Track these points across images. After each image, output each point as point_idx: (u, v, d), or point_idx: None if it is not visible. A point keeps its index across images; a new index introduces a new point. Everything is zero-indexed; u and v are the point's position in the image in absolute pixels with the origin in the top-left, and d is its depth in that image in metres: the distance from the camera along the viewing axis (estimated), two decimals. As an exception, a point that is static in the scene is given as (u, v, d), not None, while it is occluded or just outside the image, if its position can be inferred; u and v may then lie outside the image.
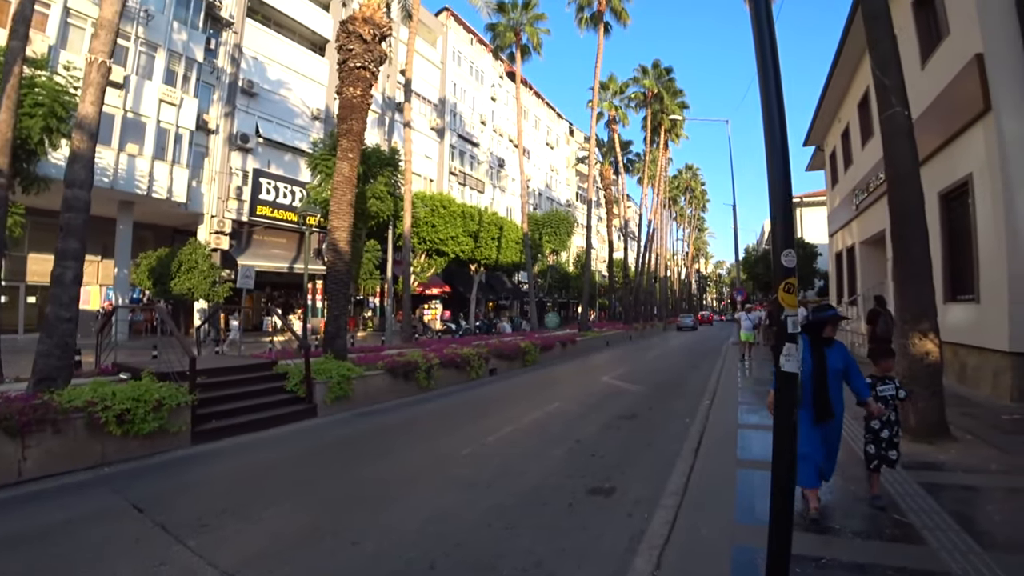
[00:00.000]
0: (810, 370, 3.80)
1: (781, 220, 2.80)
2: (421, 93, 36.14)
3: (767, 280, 29.57)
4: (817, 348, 3.94)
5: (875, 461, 4.30)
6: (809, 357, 3.83)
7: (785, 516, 2.72)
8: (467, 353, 12.49)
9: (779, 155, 2.68)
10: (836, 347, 4.05)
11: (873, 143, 14.64)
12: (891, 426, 4.34)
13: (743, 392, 9.64)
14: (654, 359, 18.13)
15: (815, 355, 3.89)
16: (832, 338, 4.06)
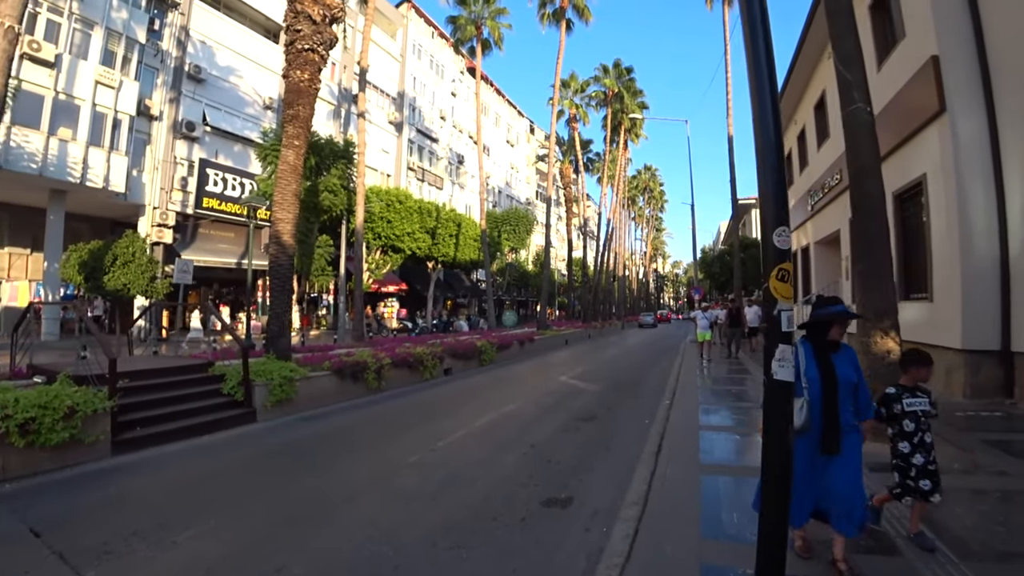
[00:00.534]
0: (819, 388, 3.03)
1: (773, 193, 2.47)
2: (379, 86, 35.25)
3: (724, 279, 30.03)
4: (822, 355, 3.11)
5: (898, 490, 3.53)
6: (815, 369, 3.06)
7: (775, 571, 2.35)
8: (420, 352, 11.99)
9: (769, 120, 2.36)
10: (844, 352, 3.20)
11: (829, 145, 14.85)
12: (925, 450, 3.46)
13: (703, 392, 9.47)
14: (613, 357, 17.99)
15: (821, 365, 3.08)
16: (839, 341, 3.20)
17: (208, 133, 24.19)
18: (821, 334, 3.16)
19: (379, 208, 23.47)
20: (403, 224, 24.52)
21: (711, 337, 15.34)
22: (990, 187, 8.18)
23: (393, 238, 24.31)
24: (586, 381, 11.73)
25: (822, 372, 3.06)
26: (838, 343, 3.20)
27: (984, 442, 5.74)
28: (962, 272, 8.12)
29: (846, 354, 3.20)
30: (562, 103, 36.41)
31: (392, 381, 11.02)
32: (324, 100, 30.52)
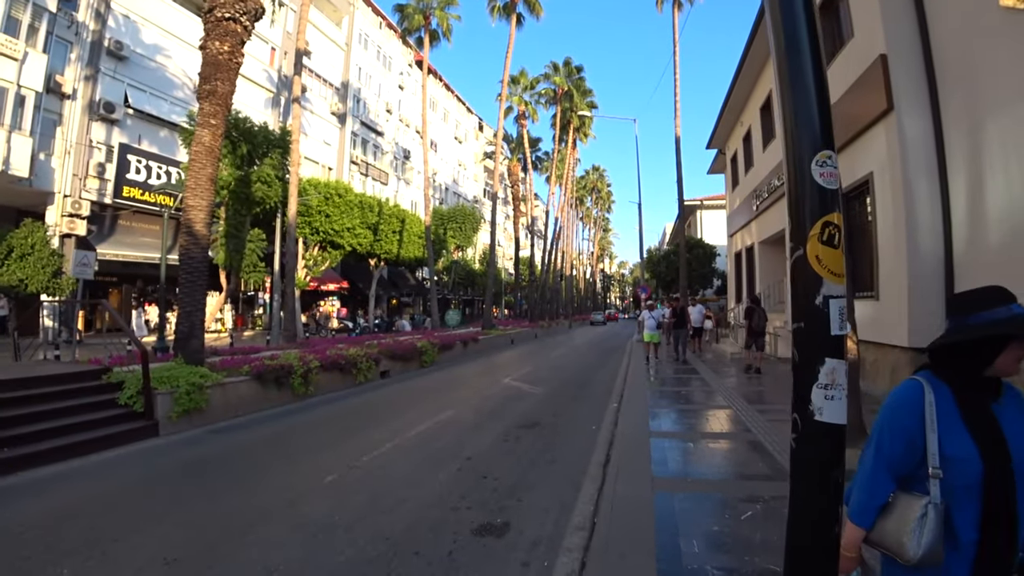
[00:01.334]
0: (977, 476, 1.46)
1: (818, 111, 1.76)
2: (322, 75, 33.77)
3: (670, 279, 30.21)
4: (976, 409, 1.53)
5: None
6: (967, 439, 1.50)
7: None
8: (353, 354, 11.14)
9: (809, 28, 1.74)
10: (1015, 401, 1.58)
11: (774, 145, 14.88)
12: None
13: (651, 394, 9.06)
14: (559, 357, 17.57)
15: (977, 429, 1.51)
16: (1005, 380, 1.60)
17: (130, 116, 22.30)
18: (974, 365, 1.56)
19: (317, 201, 22.25)
20: (343, 219, 23.34)
21: (659, 339, 14.48)
22: (935, 185, 8.12)
23: (332, 233, 23.10)
24: (531, 383, 11.18)
25: (981, 445, 1.49)
26: (1000, 383, 1.59)
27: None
28: (908, 270, 8.04)
29: (1019, 405, 1.58)
30: (511, 100, 35.89)
31: (322, 386, 10.15)
32: (262, 87, 28.97)
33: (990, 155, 7.20)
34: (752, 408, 7.39)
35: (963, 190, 7.77)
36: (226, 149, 18.53)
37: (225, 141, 18.48)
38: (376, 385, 11.39)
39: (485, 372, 13.60)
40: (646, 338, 14.12)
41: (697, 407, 7.98)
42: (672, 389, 9.64)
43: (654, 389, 9.50)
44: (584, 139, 41.66)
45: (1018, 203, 6.72)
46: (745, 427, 6.33)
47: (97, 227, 21.76)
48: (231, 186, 18.60)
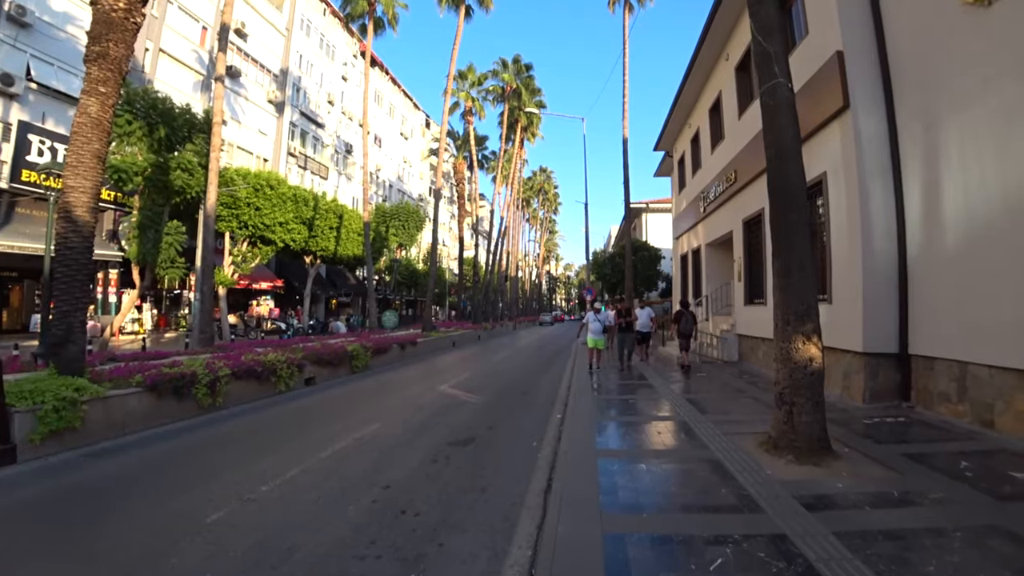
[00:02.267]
0: None
1: None
2: (259, 59, 31.86)
3: (615, 281, 30.02)
4: None
5: None
6: None
7: None
8: (272, 360, 10.00)
9: None
10: None
11: (722, 147, 14.65)
12: None
13: (597, 405, 8.39)
14: (502, 361, 16.82)
15: None
16: None
17: (33, 91, 20.13)
18: None
19: (246, 193, 20.64)
20: (275, 213, 21.78)
21: (604, 344, 12.80)
22: (889, 186, 7.86)
23: (263, 228, 21.50)
24: (469, 391, 10.35)
25: None
26: None
27: (906, 457, 5.07)
28: (863, 272, 7.73)
29: None
30: (458, 95, 34.92)
31: (234, 396, 9.00)
32: (190, 68, 26.98)
33: (948, 155, 6.93)
34: (706, 419, 6.84)
35: (918, 191, 7.51)
36: (141, 131, 16.91)
37: (140, 123, 16.86)
38: (298, 394, 10.30)
39: (421, 378, 12.68)
40: (590, 343, 12.57)
41: (647, 419, 7.37)
42: (620, 398, 9.03)
43: (599, 400, 8.84)
44: (532, 139, 41.16)
45: (976, 205, 6.45)
46: (701, 443, 5.74)
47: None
48: (147, 172, 16.91)
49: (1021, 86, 5.82)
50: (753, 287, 12.64)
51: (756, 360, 12.22)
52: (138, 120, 16.76)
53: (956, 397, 6.73)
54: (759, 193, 11.84)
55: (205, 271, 13.82)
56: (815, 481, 4.44)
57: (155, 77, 24.56)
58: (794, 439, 5.12)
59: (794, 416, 5.14)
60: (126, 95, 16.78)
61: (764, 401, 8.08)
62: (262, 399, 9.61)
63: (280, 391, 10.15)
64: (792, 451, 5.08)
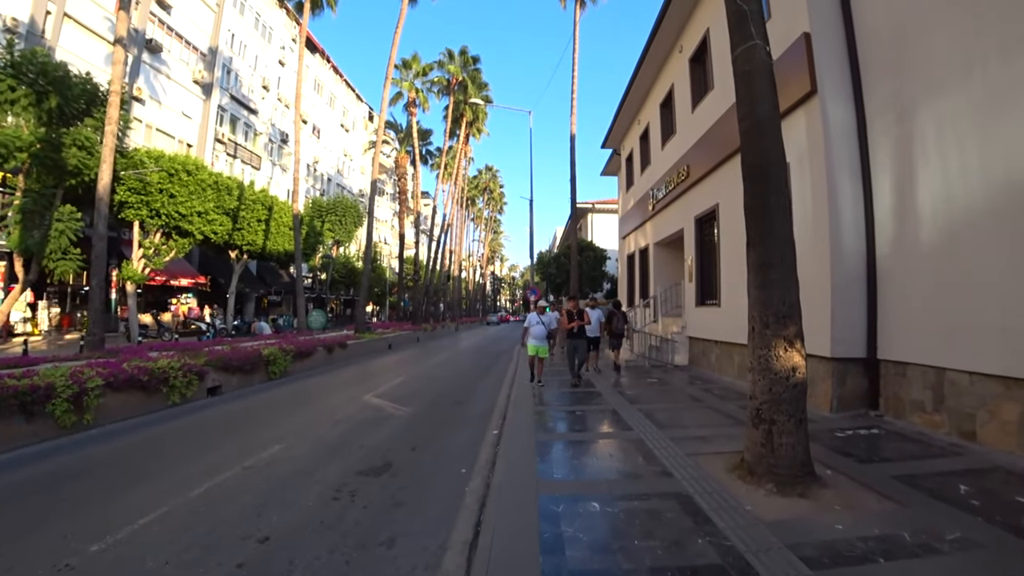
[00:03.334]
0: None
1: None
2: (184, 35, 29.37)
3: (560, 281, 29.33)
4: None
5: None
6: None
7: None
8: (163, 367, 8.49)
9: None
10: None
11: (674, 142, 14.03)
12: None
13: (540, 418, 7.41)
14: (439, 364, 15.63)
15: None
16: None
17: None
18: None
19: (158, 177, 18.57)
20: (192, 201, 19.73)
21: (546, 352, 10.42)
22: (857, 179, 7.26)
23: (178, 217, 19.41)
24: (396, 400, 9.14)
25: None
26: None
27: (898, 480, 4.33)
28: (832, 272, 7.09)
29: None
30: (401, 85, 33.34)
31: (111, 412, 7.48)
32: (103, 38, 24.38)
33: (923, 145, 6.33)
34: (664, 436, 5.95)
35: (888, 184, 6.91)
36: (28, 100, 14.75)
37: (26, 89, 14.72)
38: (196, 407, 8.81)
39: (346, 385, 11.36)
40: (530, 350, 10.17)
41: (597, 437, 6.41)
42: (565, 410, 8.05)
43: (543, 413, 7.82)
44: (477, 135, 39.92)
45: (956, 198, 5.83)
46: (663, 467, 4.82)
47: None
48: (33, 148, 14.79)
49: (1008, 68, 5.22)
50: (706, 287, 12.01)
51: (708, 365, 11.58)
52: (24, 87, 14.63)
53: (932, 406, 6.12)
54: (714, 188, 11.22)
55: (97, 264, 11.99)
56: (808, 521, 3.58)
57: (58, 45, 21.98)
58: (774, 464, 4.26)
59: (774, 437, 4.28)
60: (10, 58, 14.64)
61: (724, 411, 7.31)
62: (150, 414, 8.10)
63: (173, 403, 8.65)
64: (772, 478, 4.23)
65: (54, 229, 15.39)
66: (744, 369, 9.72)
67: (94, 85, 16.19)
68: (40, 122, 15.06)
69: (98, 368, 7.62)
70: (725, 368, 10.69)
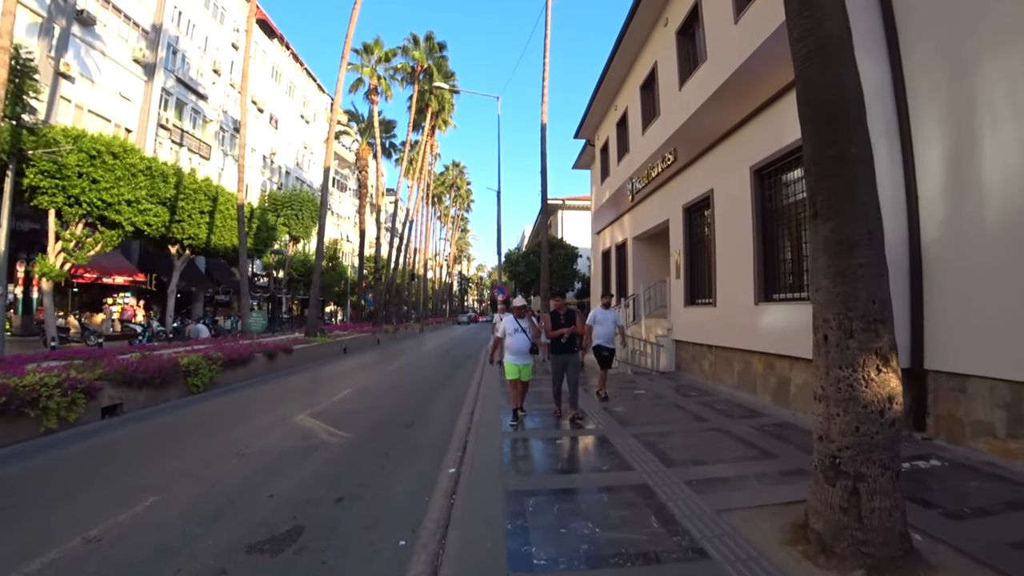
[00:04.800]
0: None
1: None
2: (123, 9, 26.83)
3: (529, 280, 27.92)
4: None
5: None
6: None
7: None
8: (28, 385, 6.65)
9: None
10: None
11: (657, 125, 12.71)
12: None
13: (510, 446, 5.88)
14: (396, 372, 13.96)
15: None
16: None
17: None
18: None
19: (75, 159, 16.35)
20: (120, 188, 17.53)
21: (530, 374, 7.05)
22: (896, 153, 5.96)
23: (102, 205, 17.20)
24: (335, 422, 7.47)
25: None
26: None
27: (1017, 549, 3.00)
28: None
29: None
30: (361, 71, 31.35)
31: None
32: (26, 6, 21.77)
33: (989, 106, 5.05)
34: (676, 477, 4.50)
35: (939, 155, 5.61)
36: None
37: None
38: (79, 433, 7.01)
39: (281, 399, 9.63)
40: (509, 371, 6.91)
41: (588, 481, 4.92)
42: (539, 433, 6.57)
43: (513, 439, 6.27)
44: (443, 127, 38.11)
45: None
46: (691, 541, 3.35)
47: None
48: None
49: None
50: (696, 285, 10.69)
51: (701, 371, 10.24)
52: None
53: (1005, 430, 4.84)
54: (707, 173, 9.89)
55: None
56: None
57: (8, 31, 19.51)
58: (863, 540, 2.85)
59: (863, 499, 2.87)
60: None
61: (739, 436, 5.90)
62: (8, 446, 6.29)
63: (48, 430, 6.83)
64: (861, 560, 2.82)
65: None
66: (746, 379, 8.40)
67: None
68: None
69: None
70: (722, 376, 9.35)
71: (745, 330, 8.25)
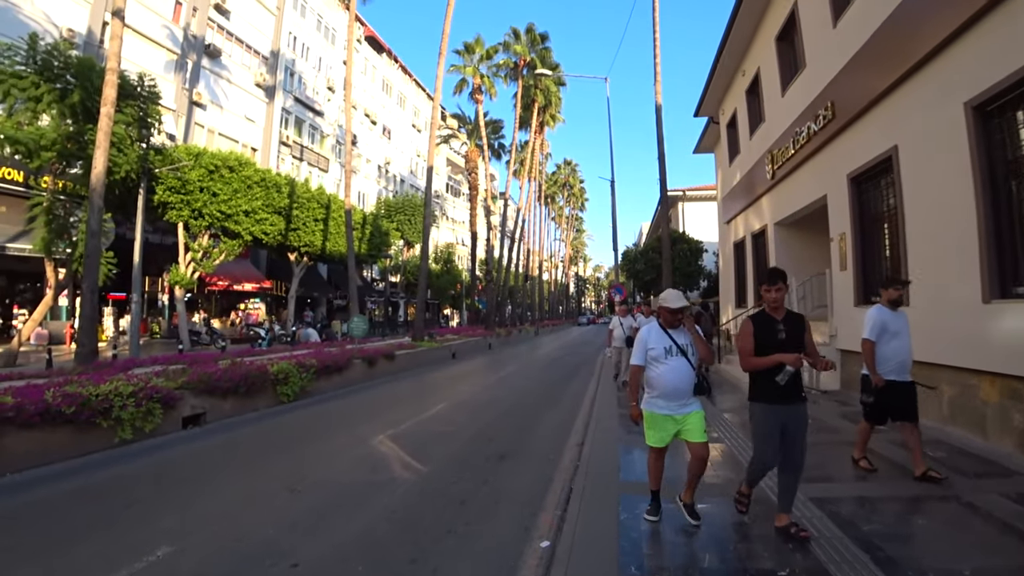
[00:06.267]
0: None
1: None
2: (244, 39, 28.64)
3: (649, 279, 25.60)
4: None
5: None
6: None
7: None
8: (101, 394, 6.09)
9: None
10: None
11: (804, 80, 10.37)
12: None
13: (637, 540, 4.16)
14: (501, 381, 12.70)
15: None
16: None
17: None
18: None
19: (196, 175, 17.02)
20: (237, 199, 18.13)
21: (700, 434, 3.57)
22: None
23: (221, 216, 17.86)
24: (414, 448, 6.17)
25: None
26: None
27: None
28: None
29: None
30: (464, 71, 30.94)
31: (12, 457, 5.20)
32: (161, 46, 23.83)
33: None
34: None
35: None
36: (50, 96, 13.40)
37: (48, 86, 13.41)
38: (151, 446, 6.42)
39: (367, 414, 8.64)
40: (655, 430, 3.64)
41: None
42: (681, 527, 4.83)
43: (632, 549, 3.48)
44: (552, 123, 36.75)
45: None
46: None
47: None
48: (57, 146, 13.45)
49: None
50: (871, 277, 8.27)
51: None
52: (46, 83, 13.33)
53: None
54: (886, 125, 7.51)
55: (90, 264, 10.19)
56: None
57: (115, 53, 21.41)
58: None
59: None
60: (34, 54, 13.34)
61: (989, 514, 3.75)
62: (83, 455, 5.81)
63: (121, 441, 6.30)
64: None
65: (80, 231, 14.01)
66: (965, 412, 5.96)
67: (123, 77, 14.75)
68: (64, 118, 13.75)
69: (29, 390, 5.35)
70: (920, 403, 6.88)
71: (964, 339, 5.84)
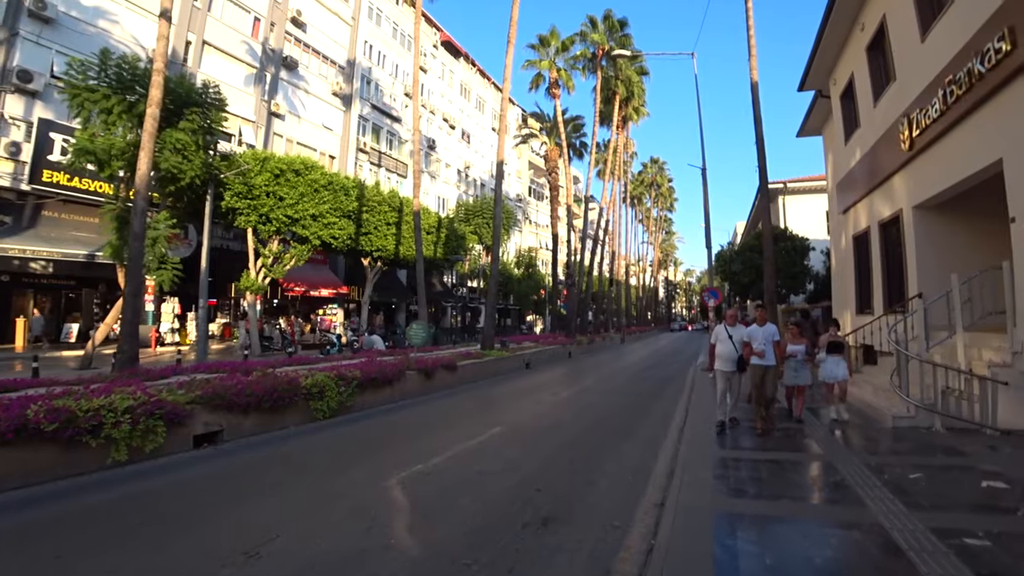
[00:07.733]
0: None
1: None
2: (320, 50, 29.02)
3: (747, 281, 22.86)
4: None
5: None
6: None
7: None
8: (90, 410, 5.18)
9: None
10: None
11: (951, 17, 8.02)
12: None
13: None
14: (572, 399, 11.02)
15: None
16: None
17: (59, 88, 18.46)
18: None
19: (263, 180, 16.78)
20: (304, 204, 17.79)
21: None
22: None
23: (288, 221, 17.57)
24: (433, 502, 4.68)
25: None
26: None
27: None
28: None
29: None
30: (539, 65, 29.57)
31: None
32: (243, 62, 24.44)
33: None
34: None
35: None
36: (119, 107, 13.47)
37: (117, 97, 13.49)
38: (145, 470, 5.48)
39: (399, 440, 7.29)
40: None
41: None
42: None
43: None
44: (635, 117, 34.49)
45: None
46: None
47: (14, 218, 17.90)
48: (127, 155, 13.48)
49: None
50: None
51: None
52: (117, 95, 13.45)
53: None
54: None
55: (133, 267, 9.73)
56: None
57: (198, 70, 22.07)
58: None
59: None
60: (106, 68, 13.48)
61: None
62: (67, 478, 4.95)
63: (114, 462, 5.39)
64: None
65: (148, 237, 13.96)
66: None
67: (187, 86, 14.70)
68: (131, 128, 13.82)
69: None
70: None
71: None
